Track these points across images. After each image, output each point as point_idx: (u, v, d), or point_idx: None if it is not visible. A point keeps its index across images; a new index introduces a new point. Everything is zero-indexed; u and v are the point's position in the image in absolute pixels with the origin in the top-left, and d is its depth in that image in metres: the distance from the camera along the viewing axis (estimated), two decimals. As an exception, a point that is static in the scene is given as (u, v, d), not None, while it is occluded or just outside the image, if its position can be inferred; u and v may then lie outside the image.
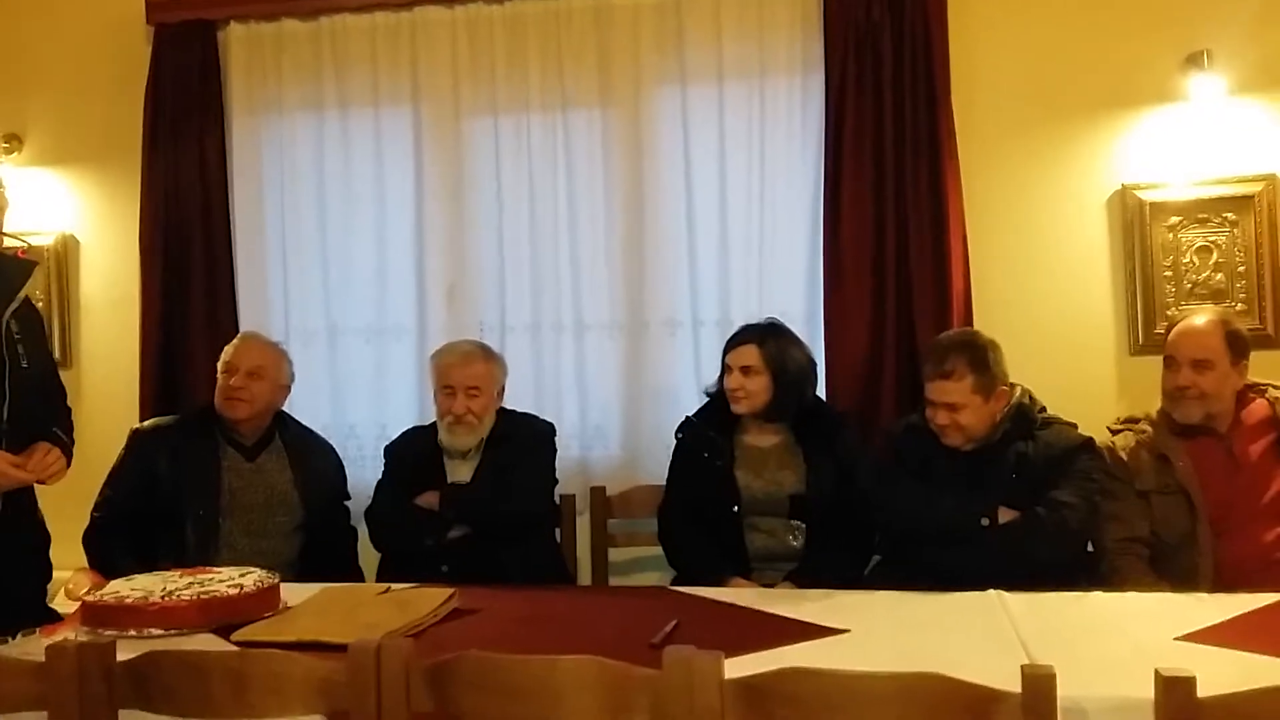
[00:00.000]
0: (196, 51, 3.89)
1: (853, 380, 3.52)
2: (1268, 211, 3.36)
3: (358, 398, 3.88)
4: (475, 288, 3.80)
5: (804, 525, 2.97)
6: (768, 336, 3.06)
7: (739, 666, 1.69)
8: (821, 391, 3.40)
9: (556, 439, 3.25)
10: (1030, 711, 1.47)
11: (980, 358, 2.81)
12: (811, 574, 2.85)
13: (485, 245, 3.81)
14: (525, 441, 3.13)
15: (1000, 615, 2.32)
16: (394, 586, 2.60)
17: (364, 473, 3.61)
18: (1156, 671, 1.50)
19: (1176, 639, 2.12)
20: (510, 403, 3.30)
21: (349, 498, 3.42)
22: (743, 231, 3.67)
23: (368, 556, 3.27)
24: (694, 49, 3.68)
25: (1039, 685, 1.47)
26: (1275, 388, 2.92)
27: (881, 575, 2.92)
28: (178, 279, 3.86)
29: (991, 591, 2.48)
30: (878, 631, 2.26)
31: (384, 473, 3.23)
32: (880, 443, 3.16)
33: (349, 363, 3.89)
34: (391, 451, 3.26)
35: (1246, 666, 1.94)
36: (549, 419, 3.34)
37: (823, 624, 2.29)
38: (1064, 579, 2.61)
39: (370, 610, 2.34)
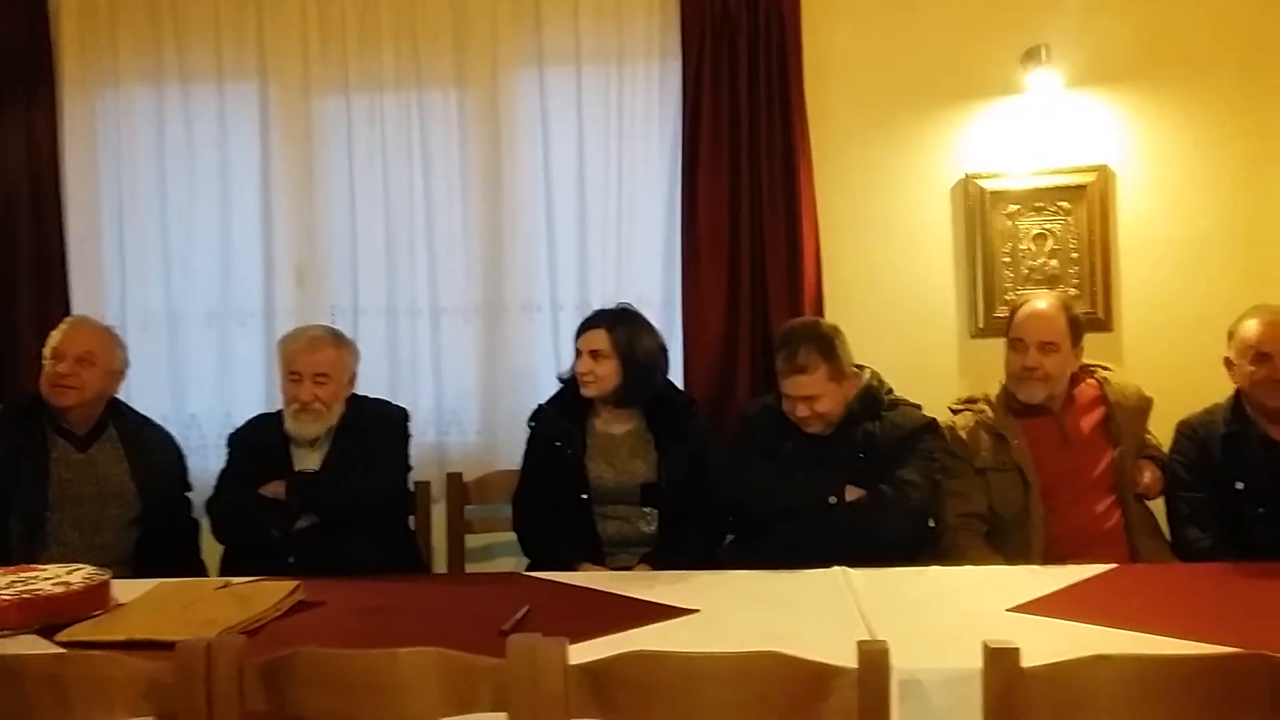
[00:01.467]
0: (24, 20, 3.70)
1: (709, 363, 3.56)
2: (1099, 200, 3.52)
3: (200, 385, 3.75)
4: (326, 270, 3.71)
5: (656, 511, 2.99)
6: (618, 322, 3.05)
7: (589, 651, 1.69)
8: (678, 374, 3.44)
9: (411, 425, 3.17)
10: (865, 685, 1.50)
11: (829, 347, 2.88)
12: (666, 556, 2.87)
13: (337, 226, 3.72)
14: (377, 428, 3.05)
15: (844, 591, 2.38)
16: (233, 580, 2.51)
17: (207, 463, 3.48)
18: (984, 644, 1.55)
19: (1008, 610, 2.22)
20: (364, 388, 3.21)
21: (190, 489, 3.29)
22: (601, 215, 3.67)
23: (211, 550, 3.15)
24: (551, 31, 3.66)
25: (873, 660, 1.51)
26: (1104, 369, 3.07)
27: (734, 553, 2.96)
28: (3, 261, 3.66)
29: (837, 568, 2.54)
30: (727, 611, 2.29)
31: (227, 462, 3.10)
32: (736, 423, 3.21)
33: (191, 348, 3.76)
34: (235, 440, 3.13)
35: (1072, 635, 2.04)
36: (404, 405, 3.25)
37: (673, 605, 2.31)
38: (907, 554, 2.71)
39: (207, 606, 2.25)
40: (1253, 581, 2.43)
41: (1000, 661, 1.51)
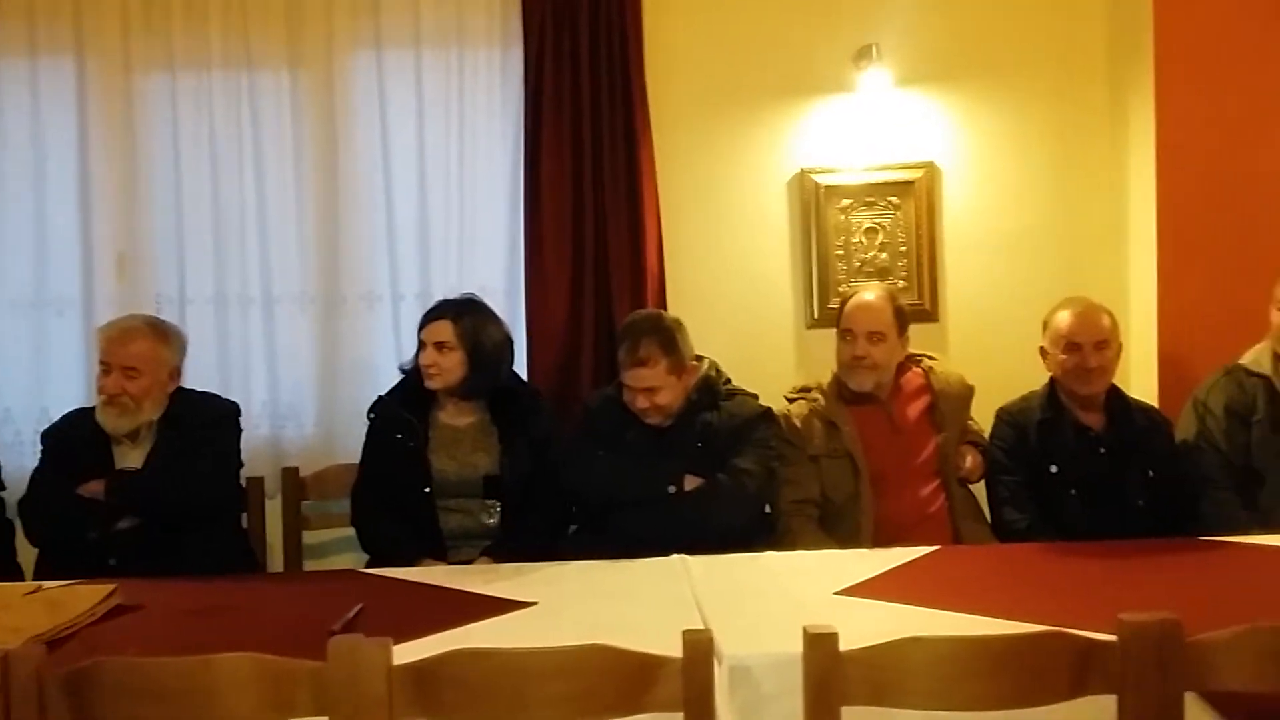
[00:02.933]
0: None
1: (553, 353, 3.56)
2: (926, 196, 3.67)
3: (13, 378, 3.54)
4: (150, 257, 3.55)
5: (499, 504, 2.97)
6: (464, 313, 3.02)
7: (423, 648, 1.66)
8: (522, 364, 3.43)
9: (242, 419, 3.06)
10: (689, 674, 1.52)
11: (670, 340, 2.91)
12: (509, 548, 2.86)
13: (161, 211, 3.56)
14: (204, 423, 2.92)
15: (682, 579, 2.41)
16: (46, 585, 2.37)
17: (22, 460, 3.29)
18: (804, 629, 1.59)
19: (836, 593, 2.28)
20: (192, 381, 3.09)
21: (3, 488, 3.11)
22: (443, 203, 3.62)
23: (27, 553, 2.98)
24: (389, 12, 3.59)
25: (697, 649, 1.53)
26: (929, 358, 3.20)
27: (577, 543, 2.97)
28: None
29: (675, 556, 2.57)
30: (564, 603, 2.30)
31: (41, 459, 2.94)
32: (579, 414, 3.22)
33: (2, 339, 3.55)
34: (50, 436, 2.96)
35: (894, 617, 2.11)
36: (236, 398, 3.15)
37: (511, 598, 2.30)
38: (744, 541, 2.76)
39: (15, 613, 2.12)
40: (1065, 560, 2.58)
41: (819, 646, 1.55)
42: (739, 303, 3.68)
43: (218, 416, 2.98)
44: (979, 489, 3.11)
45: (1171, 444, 3.01)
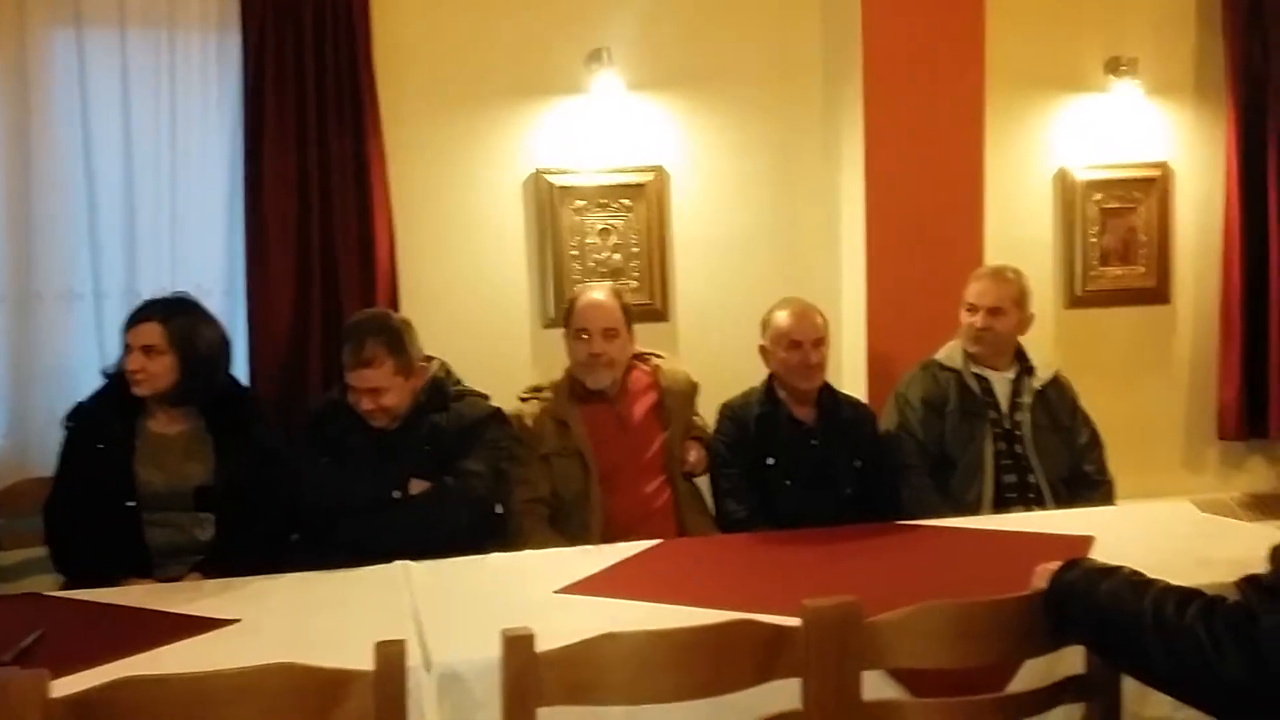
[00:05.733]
0: None
1: (277, 355, 3.44)
2: (657, 199, 3.76)
3: None
4: None
5: (213, 517, 2.81)
6: (174, 313, 2.83)
7: (103, 676, 1.53)
8: (243, 367, 3.27)
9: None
10: (380, 687, 1.49)
11: (396, 340, 2.84)
12: (222, 563, 2.70)
13: None
14: None
15: (401, 588, 2.35)
16: None
17: None
18: (502, 631, 1.58)
19: (556, 592, 2.29)
20: None
21: None
22: (152, 195, 3.41)
23: None
24: (91, -12, 3.33)
25: (389, 660, 1.50)
26: (656, 356, 3.28)
27: (299, 554, 2.84)
28: None
29: (398, 563, 2.50)
30: (270, 618, 2.19)
31: None
32: (303, 420, 3.10)
33: None
34: None
35: (610, 612, 2.14)
36: (-91, 406, 2.85)
37: (212, 616, 2.18)
38: (474, 543, 2.72)
39: None
40: (776, 548, 2.70)
41: (515, 648, 1.55)
42: (474, 302, 3.66)
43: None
44: (703, 482, 3.21)
45: (876, 434, 3.21)
